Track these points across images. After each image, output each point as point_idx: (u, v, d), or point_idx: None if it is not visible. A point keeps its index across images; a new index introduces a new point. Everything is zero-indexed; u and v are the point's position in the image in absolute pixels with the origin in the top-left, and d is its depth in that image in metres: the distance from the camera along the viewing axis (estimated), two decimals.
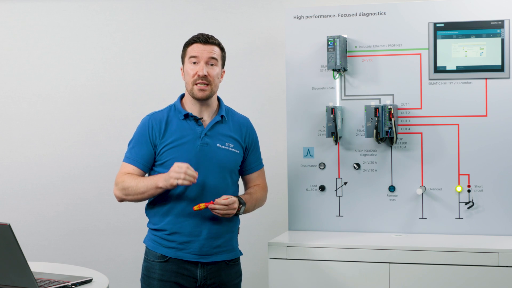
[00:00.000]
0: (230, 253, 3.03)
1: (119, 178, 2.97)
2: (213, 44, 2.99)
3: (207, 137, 2.99)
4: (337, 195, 3.51)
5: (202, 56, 2.96)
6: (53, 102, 4.25)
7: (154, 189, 2.90)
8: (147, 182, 2.91)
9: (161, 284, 2.97)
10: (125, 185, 2.93)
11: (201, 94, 2.96)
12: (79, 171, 4.24)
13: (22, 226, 4.18)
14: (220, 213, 2.89)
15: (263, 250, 3.89)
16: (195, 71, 2.95)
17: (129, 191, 2.93)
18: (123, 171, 2.98)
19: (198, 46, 2.98)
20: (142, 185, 2.91)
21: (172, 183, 2.83)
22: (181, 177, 2.81)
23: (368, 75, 3.46)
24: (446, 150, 3.39)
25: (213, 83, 2.97)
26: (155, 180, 2.89)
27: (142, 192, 2.91)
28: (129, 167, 2.98)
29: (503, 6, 3.31)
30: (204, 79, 2.95)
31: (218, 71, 3.00)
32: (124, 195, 2.96)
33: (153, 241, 3.01)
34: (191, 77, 2.97)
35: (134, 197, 2.94)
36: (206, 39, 2.99)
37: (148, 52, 4.15)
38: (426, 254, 3.10)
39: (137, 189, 2.91)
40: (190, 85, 2.97)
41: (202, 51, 2.97)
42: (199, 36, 3.00)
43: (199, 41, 2.99)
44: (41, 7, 4.25)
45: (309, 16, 3.52)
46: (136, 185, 2.91)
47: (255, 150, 3.15)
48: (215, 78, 2.97)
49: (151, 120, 3.00)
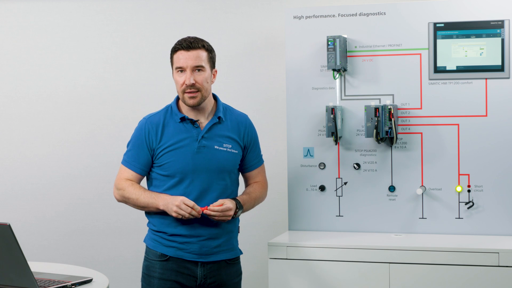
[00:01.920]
0: (230, 252, 3.04)
1: (120, 184, 3.00)
2: (197, 48, 2.94)
3: (204, 140, 2.98)
4: (337, 195, 3.51)
5: (187, 64, 2.93)
6: (53, 102, 4.25)
7: (154, 208, 2.96)
8: (148, 200, 2.95)
9: (161, 282, 2.97)
10: (126, 196, 2.99)
11: (192, 101, 2.95)
12: (79, 171, 4.24)
13: (22, 226, 4.18)
14: (216, 219, 2.91)
15: (263, 250, 3.89)
16: (183, 81, 2.94)
17: (130, 201, 3.00)
18: (123, 177, 3.01)
19: (182, 54, 2.94)
20: (142, 201, 2.96)
21: (172, 214, 2.90)
22: (185, 216, 2.88)
23: (368, 75, 3.45)
24: (446, 150, 3.39)
25: (202, 89, 2.94)
26: (156, 201, 2.94)
27: (142, 207, 2.99)
28: (128, 173, 3.01)
29: (503, 6, 3.31)
30: (192, 88, 2.93)
31: (206, 75, 2.95)
32: (124, 202, 3.03)
33: (154, 240, 3.01)
34: (179, 86, 2.96)
35: (134, 207, 3.02)
36: (189, 45, 2.93)
37: (148, 52, 4.15)
38: (426, 254, 3.10)
39: (137, 202, 2.98)
40: (181, 94, 2.97)
41: (186, 59, 2.93)
42: (182, 42, 2.96)
43: (181, 48, 2.94)
44: (41, 7, 4.24)
45: (309, 16, 3.52)
46: (136, 199, 2.97)
47: (255, 147, 3.14)
48: (203, 83, 2.94)
49: (147, 124, 3.00)
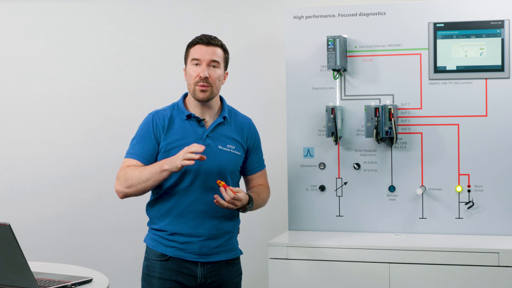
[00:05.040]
0: (230, 252, 3.04)
1: (121, 172, 2.92)
2: (215, 45, 2.99)
3: (208, 139, 2.99)
4: (337, 195, 3.51)
5: (204, 58, 2.96)
6: (53, 102, 4.25)
7: (159, 173, 2.84)
8: (151, 168, 2.87)
9: (161, 282, 2.97)
10: (128, 176, 2.89)
11: (202, 95, 2.96)
12: (79, 171, 4.24)
13: (22, 226, 4.18)
14: (224, 204, 2.84)
15: (263, 250, 3.89)
16: (197, 73, 2.95)
17: (133, 181, 2.87)
18: (125, 165, 2.95)
19: (200, 47, 2.98)
20: (146, 172, 2.86)
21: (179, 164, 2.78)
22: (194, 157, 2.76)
23: (368, 75, 3.46)
24: (446, 150, 3.39)
25: (214, 85, 2.96)
26: (160, 163, 2.85)
27: (147, 179, 2.86)
28: (132, 162, 2.94)
29: (503, 6, 3.31)
30: (205, 81, 2.95)
31: (220, 73, 2.99)
32: (127, 187, 2.90)
33: (154, 240, 3.01)
34: (193, 78, 2.96)
35: (138, 187, 2.88)
36: (209, 40, 2.98)
37: (148, 52, 4.15)
38: (426, 254, 3.10)
39: (141, 177, 2.86)
40: (192, 86, 2.97)
41: (204, 53, 2.96)
42: (202, 37, 3.00)
43: (201, 43, 2.98)
44: (41, 7, 4.24)
45: (309, 16, 3.52)
46: (140, 173, 2.87)
47: (257, 151, 3.15)
48: (216, 80, 2.97)
49: (155, 117, 3.00)
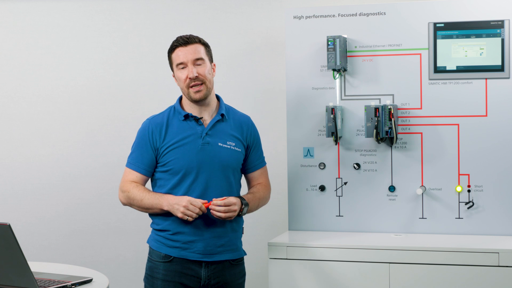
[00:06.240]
0: (234, 252, 3.04)
1: (124, 187, 3.01)
2: (194, 43, 2.99)
3: (208, 137, 2.99)
4: (337, 195, 3.51)
5: (188, 59, 2.96)
6: (53, 102, 4.25)
7: (159, 210, 2.96)
8: (152, 201, 2.96)
9: (165, 284, 2.97)
10: (131, 197, 2.99)
11: (198, 95, 2.97)
12: (79, 171, 4.24)
13: (22, 226, 4.18)
14: (222, 216, 2.90)
15: (263, 250, 3.89)
16: (186, 75, 2.97)
17: (134, 203, 3.00)
18: (127, 179, 3.02)
19: (180, 50, 2.98)
20: (147, 202, 2.96)
21: (178, 215, 2.90)
22: (192, 216, 2.89)
23: (368, 75, 3.45)
24: (446, 150, 3.39)
25: (206, 80, 2.98)
26: (160, 202, 2.94)
27: (147, 208, 2.99)
28: (133, 174, 3.02)
29: (503, 6, 3.31)
30: (196, 80, 2.96)
31: (208, 68, 3.00)
32: (129, 204, 3.03)
33: (157, 241, 3.01)
34: (183, 82, 2.98)
35: (139, 209, 3.02)
36: (186, 40, 2.99)
37: (148, 52, 4.15)
38: (426, 254, 3.10)
39: (142, 204, 2.98)
40: (186, 89, 2.99)
41: (186, 54, 2.97)
42: (179, 39, 3.00)
43: (179, 45, 2.99)
44: (41, 7, 4.24)
45: (309, 16, 3.52)
46: (141, 200, 2.97)
47: (257, 148, 3.15)
48: (206, 75, 2.98)
49: (151, 124, 3.02)
